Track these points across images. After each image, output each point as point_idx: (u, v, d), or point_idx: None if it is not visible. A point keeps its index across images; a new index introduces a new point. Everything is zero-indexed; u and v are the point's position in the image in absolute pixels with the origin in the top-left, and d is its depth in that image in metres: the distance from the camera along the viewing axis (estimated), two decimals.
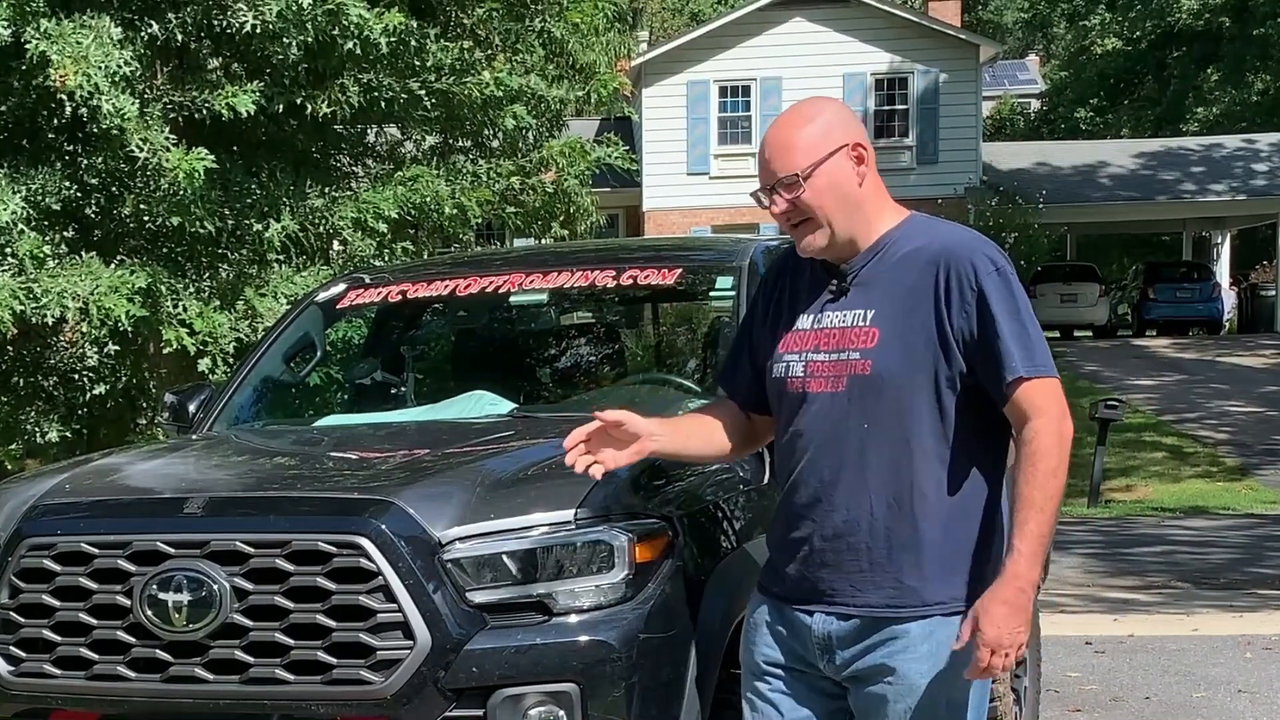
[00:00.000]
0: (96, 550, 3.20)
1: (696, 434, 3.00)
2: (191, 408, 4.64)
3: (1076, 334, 32.11)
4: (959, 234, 2.82)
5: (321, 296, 4.97)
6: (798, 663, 2.85)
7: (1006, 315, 2.70)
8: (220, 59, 8.74)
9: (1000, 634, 2.63)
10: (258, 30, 7.55)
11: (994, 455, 2.80)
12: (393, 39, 7.78)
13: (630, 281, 4.57)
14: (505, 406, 4.29)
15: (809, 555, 2.80)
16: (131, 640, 3.16)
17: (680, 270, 4.58)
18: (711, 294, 4.71)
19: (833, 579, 2.78)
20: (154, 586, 3.10)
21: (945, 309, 2.72)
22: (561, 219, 10.27)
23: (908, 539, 2.73)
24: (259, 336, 7.16)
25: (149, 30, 7.90)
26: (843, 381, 2.77)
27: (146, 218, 8.21)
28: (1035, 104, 52.82)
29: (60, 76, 7.00)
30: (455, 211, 8.84)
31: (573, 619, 3.08)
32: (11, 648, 3.27)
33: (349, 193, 8.69)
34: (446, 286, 4.74)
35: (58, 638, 3.22)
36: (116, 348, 8.36)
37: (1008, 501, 2.78)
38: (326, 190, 8.51)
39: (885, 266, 2.79)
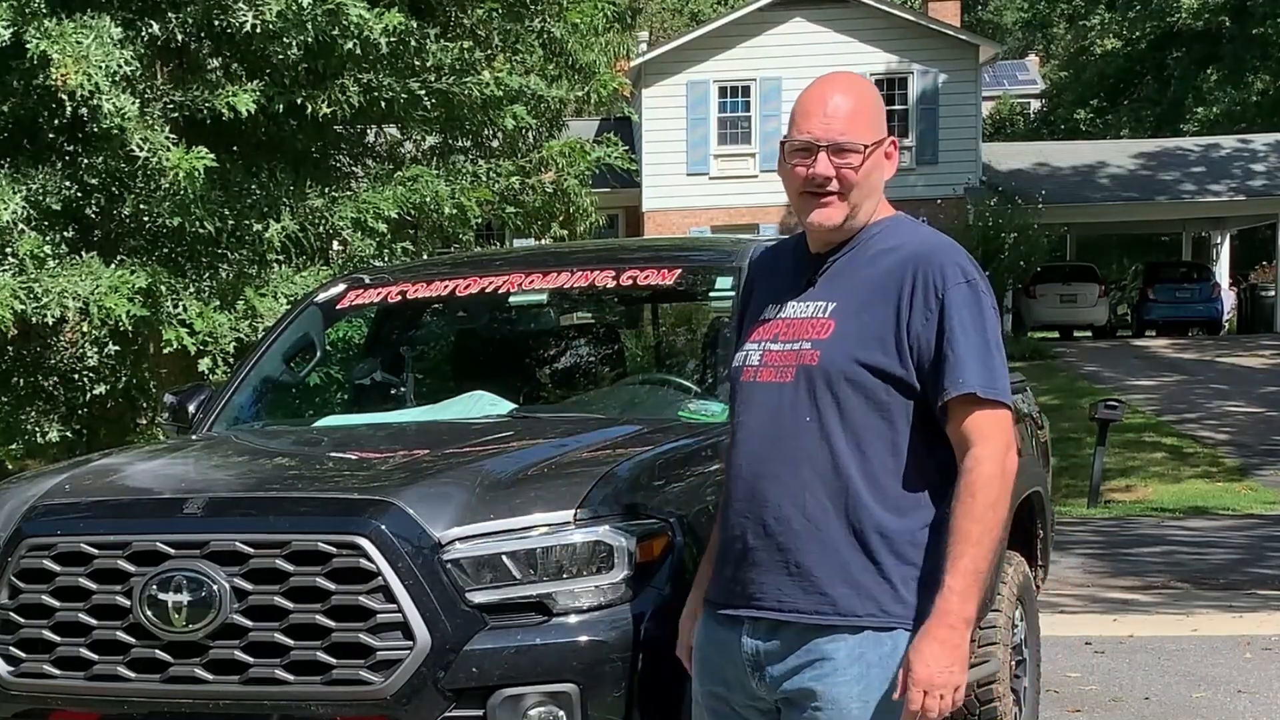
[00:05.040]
0: (96, 550, 3.20)
1: None
2: (191, 408, 4.65)
3: (1076, 334, 32.09)
4: (939, 241, 2.74)
5: (321, 297, 4.97)
6: (737, 692, 2.75)
7: (969, 329, 2.61)
8: (220, 59, 8.74)
9: (932, 673, 2.52)
10: (258, 30, 7.56)
11: (941, 473, 2.66)
12: (393, 39, 7.78)
13: (630, 282, 4.58)
14: (505, 407, 4.30)
15: (742, 554, 2.69)
16: (131, 640, 3.16)
17: (680, 270, 4.58)
18: (711, 294, 4.72)
19: (762, 581, 2.67)
20: (154, 587, 3.10)
21: (908, 310, 2.63)
22: (561, 219, 10.27)
23: (840, 543, 2.61)
24: (259, 336, 7.16)
25: (149, 30, 7.91)
26: (791, 372, 2.68)
27: (146, 217, 8.23)
28: (1035, 104, 52.81)
29: (61, 76, 7.01)
30: (455, 211, 8.85)
31: (572, 619, 3.08)
32: (11, 648, 3.27)
33: (349, 193, 8.70)
34: (446, 286, 4.74)
35: (57, 638, 3.22)
36: (116, 348, 8.37)
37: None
38: (326, 190, 8.52)
39: (858, 261, 2.72)
